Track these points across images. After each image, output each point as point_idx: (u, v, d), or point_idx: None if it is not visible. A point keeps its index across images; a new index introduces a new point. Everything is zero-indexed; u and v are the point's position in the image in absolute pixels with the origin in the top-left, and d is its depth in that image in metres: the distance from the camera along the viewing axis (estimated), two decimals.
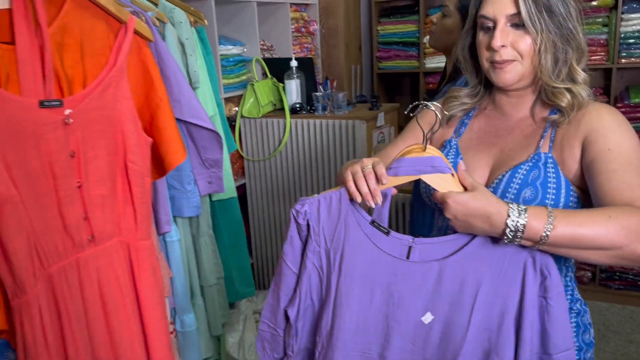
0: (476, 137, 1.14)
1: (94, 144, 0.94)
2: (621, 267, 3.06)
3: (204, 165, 1.63)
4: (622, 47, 2.86)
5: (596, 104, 1.04)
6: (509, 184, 1.02)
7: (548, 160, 1.02)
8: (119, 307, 0.99)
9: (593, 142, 0.97)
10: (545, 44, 0.99)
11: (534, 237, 0.84)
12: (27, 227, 0.85)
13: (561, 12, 0.99)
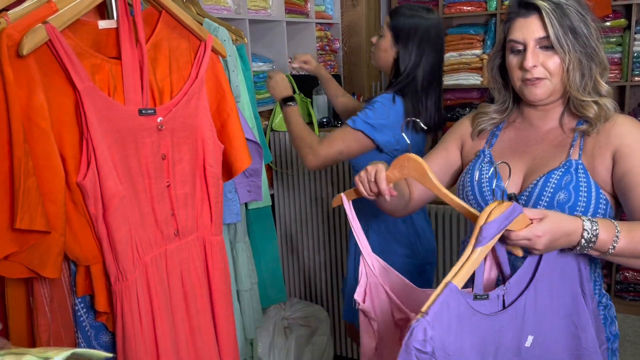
0: (508, 147, 1.24)
1: (179, 148, 1.05)
2: (636, 279, 3.14)
3: (244, 175, 1.72)
4: (635, 65, 2.97)
5: (622, 116, 1.14)
6: (544, 188, 1.12)
7: (579, 167, 1.12)
8: (197, 296, 1.10)
9: (625, 156, 1.07)
10: (573, 63, 1.09)
11: (602, 248, 0.96)
12: (128, 219, 0.96)
13: (584, 33, 1.09)
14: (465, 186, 1.23)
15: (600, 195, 1.11)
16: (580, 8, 1.09)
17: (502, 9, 3.20)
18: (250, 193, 1.67)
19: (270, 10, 2.77)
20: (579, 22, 1.08)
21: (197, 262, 1.09)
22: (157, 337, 0.99)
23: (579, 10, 1.08)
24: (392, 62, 1.75)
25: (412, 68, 1.71)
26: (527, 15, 1.11)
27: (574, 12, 1.08)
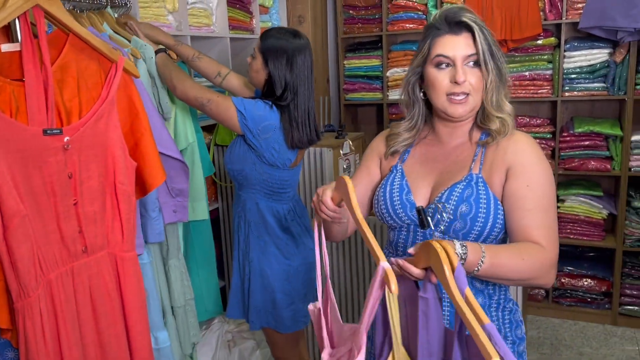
0: (418, 163, 1.31)
1: (88, 166, 1.08)
2: (571, 284, 3.28)
3: (170, 194, 1.72)
4: (565, 81, 3.13)
5: (521, 134, 1.24)
6: (448, 201, 1.19)
7: (479, 180, 1.20)
8: (107, 310, 1.12)
9: (515, 175, 1.16)
10: (492, 81, 1.19)
11: (469, 269, 1.04)
12: (31, 237, 0.98)
13: (498, 55, 1.20)
14: (379, 201, 1.29)
15: (498, 207, 1.18)
16: (491, 34, 1.20)
17: None
18: (176, 213, 1.68)
19: (214, 27, 2.81)
20: (493, 45, 1.19)
21: (107, 277, 1.12)
22: (62, 352, 1.01)
23: (492, 35, 1.19)
24: (265, 81, 1.90)
25: (284, 87, 1.86)
26: (457, 32, 1.18)
27: (490, 36, 1.19)
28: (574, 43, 3.08)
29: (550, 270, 1.13)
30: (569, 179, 3.32)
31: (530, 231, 1.12)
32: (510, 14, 3.09)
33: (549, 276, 1.13)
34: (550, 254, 1.12)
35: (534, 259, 1.10)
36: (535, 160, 1.18)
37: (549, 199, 1.16)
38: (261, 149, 1.85)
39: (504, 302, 1.25)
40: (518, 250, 1.11)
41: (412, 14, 3.38)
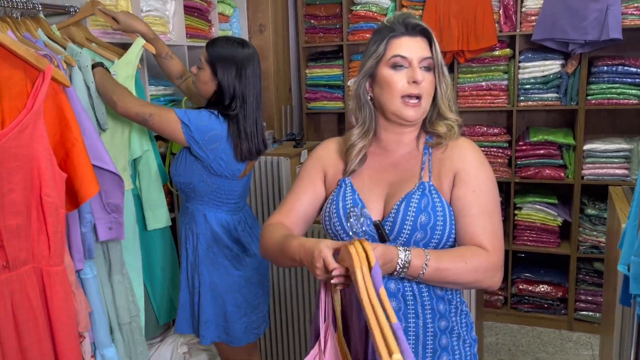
0: (366, 175, 1.29)
1: (10, 178, 1.05)
2: (529, 291, 3.33)
3: (105, 210, 1.65)
4: (520, 91, 3.19)
5: (466, 140, 1.27)
6: (406, 212, 1.18)
7: (431, 188, 1.21)
8: (30, 328, 1.09)
9: (462, 182, 1.19)
10: (442, 85, 1.23)
11: (414, 274, 1.10)
12: None
13: (444, 64, 1.24)
14: (332, 217, 1.26)
15: (451, 214, 1.19)
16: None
17: None
18: (112, 230, 1.62)
19: (170, 35, 2.78)
20: (441, 54, 1.24)
21: (31, 293, 1.09)
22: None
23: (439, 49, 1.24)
24: (214, 92, 1.89)
25: (232, 97, 1.85)
26: (414, 35, 1.20)
27: (439, 47, 1.23)
28: (528, 54, 3.15)
29: (495, 273, 1.16)
30: (525, 187, 3.38)
31: (475, 236, 1.15)
32: (467, 25, 3.14)
33: (494, 279, 1.16)
34: (495, 257, 1.15)
35: (478, 263, 1.13)
36: (480, 166, 1.21)
37: (493, 204, 1.19)
38: (208, 160, 1.83)
39: (460, 305, 1.29)
40: (461, 254, 1.14)
41: (372, 24, 3.41)
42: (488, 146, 3.29)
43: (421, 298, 1.20)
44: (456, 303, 1.26)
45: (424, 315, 1.20)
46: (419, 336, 1.20)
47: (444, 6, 3.16)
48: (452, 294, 1.25)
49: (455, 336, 1.25)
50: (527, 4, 3.09)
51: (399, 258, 1.08)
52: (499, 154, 3.28)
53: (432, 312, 1.21)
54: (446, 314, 1.23)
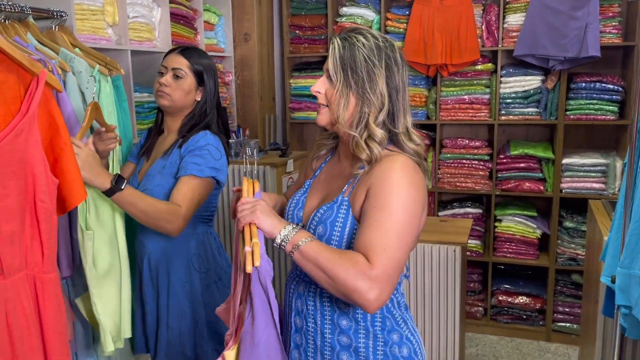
0: (322, 180, 1.35)
1: (5, 183, 1.03)
2: (508, 302, 3.37)
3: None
4: (502, 105, 3.25)
5: (394, 158, 1.18)
6: (312, 221, 1.24)
7: (343, 203, 1.22)
8: (24, 335, 1.06)
9: (371, 196, 1.15)
10: (344, 98, 1.17)
11: (289, 247, 1.12)
12: None
13: (363, 75, 1.16)
14: (287, 210, 1.36)
15: (354, 229, 1.19)
16: (374, 54, 1.16)
17: None
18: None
19: (156, 42, 2.77)
20: (363, 63, 1.15)
21: (25, 301, 1.06)
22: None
23: (369, 55, 1.15)
24: (195, 103, 1.82)
25: (212, 107, 1.84)
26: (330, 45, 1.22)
27: (362, 54, 1.15)
28: (510, 69, 3.22)
29: (368, 287, 1.06)
30: (505, 199, 3.44)
31: (364, 247, 1.10)
32: (450, 39, 3.20)
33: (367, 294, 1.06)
34: (374, 271, 1.07)
35: (351, 265, 1.07)
36: (392, 185, 1.13)
37: (394, 223, 1.11)
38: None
39: (379, 332, 1.22)
40: (342, 252, 1.12)
41: None
42: (470, 159, 3.34)
43: (322, 307, 1.23)
44: (367, 326, 1.22)
45: (322, 325, 1.23)
46: (317, 345, 1.24)
47: (429, 20, 3.22)
48: (362, 315, 1.21)
49: (362, 358, 1.21)
50: (509, 20, 3.16)
51: (284, 229, 1.14)
52: (480, 166, 3.34)
53: (332, 325, 1.22)
54: (349, 331, 1.21)
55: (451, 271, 2.25)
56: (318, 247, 1.12)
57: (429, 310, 2.29)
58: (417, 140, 1.24)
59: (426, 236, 2.28)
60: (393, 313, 1.24)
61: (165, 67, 1.81)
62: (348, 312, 1.22)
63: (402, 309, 1.27)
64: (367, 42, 1.17)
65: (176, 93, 1.78)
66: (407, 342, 1.24)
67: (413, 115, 3.63)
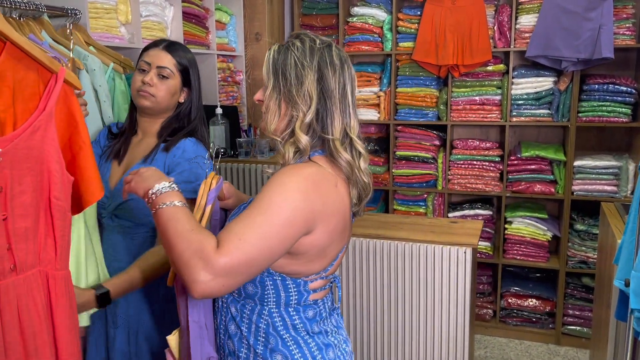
0: None
1: (21, 180, 1.03)
2: (517, 304, 3.35)
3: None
4: (513, 107, 3.24)
5: (297, 165, 1.13)
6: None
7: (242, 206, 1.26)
8: (36, 332, 1.07)
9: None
10: (270, 100, 1.14)
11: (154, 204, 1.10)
12: None
13: (291, 79, 1.12)
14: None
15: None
16: (305, 55, 1.12)
17: (397, 49, 3.39)
18: None
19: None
20: (292, 66, 1.12)
21: (37, 297, 1.07)
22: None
23: (299, 58, 1.12)
24: (175, 104, 1.66)
25: (197, 109, 1.68)
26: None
27: (293, 58, 1.12)
28: (522, 70, 3.20)
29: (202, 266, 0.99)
30: (516, 201, 3.42)
31: (224, 233, 1.04)
32: (462, 40, 3.19)
33: (198, 276, 0.99)
34: (219, 257, 0.99)
35: (199, 240, 1.01)
36: (279, 184, 1.08)
37: (263, 220, 1.04)
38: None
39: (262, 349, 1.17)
40: (198, 226, 1.06)
41: (368, 36, 3.44)
42: (480, 160, 3.33)
43: (223, 308, 1.22)
44: (249, 337, 1.18)
45: (219, 325, 1.24)
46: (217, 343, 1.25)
47: (440, 21, 3.21)
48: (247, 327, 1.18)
49: (245, 345, 1.19)
50: (521, 21, 3.14)
51: (159, 184, 1.12)
52: (491, 167, 3.32)
53: (224, 328, 1.22)
54: (234, 337, 1.20)
55: (461, 273, 2.23)
56: (178, 215, 1.06)
57: (438, 312, 2.28)
58: (360, 149, 1.17)
59: (436, 237, 2.27)
60: (281, 333, 1.17)
61: (149, 63, 1.61)
62: (236, 318, 1.19)
63: (301, 332, 1.18)
64: (301, 45, 1.14)
65: (160, 94, 1.60)
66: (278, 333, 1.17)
67: (423, 115, 3.61)
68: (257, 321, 1.18)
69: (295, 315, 1.18)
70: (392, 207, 3.56)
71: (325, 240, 1.14)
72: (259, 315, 1.18)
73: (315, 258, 1.15)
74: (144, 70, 1.62)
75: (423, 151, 3.41)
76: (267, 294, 1.16)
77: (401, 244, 2.25)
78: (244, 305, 1.19)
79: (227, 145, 2.85)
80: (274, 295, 1.16)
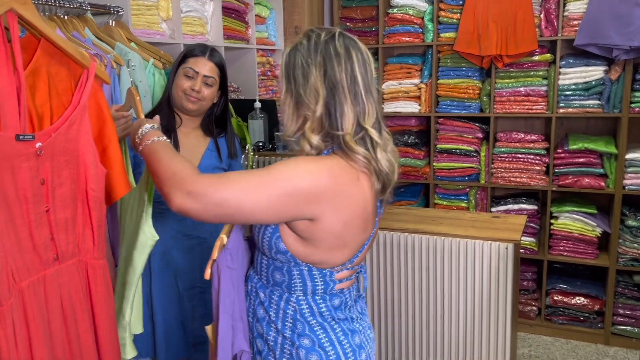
0: None
1: (60, 172, 1.07)
2: (564, 302, 3.24)
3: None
4: (560, 98, 3.12)
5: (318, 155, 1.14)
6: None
7: None
8: (78, 320, 1.10)
9: None
10: (284, 101, 1.16)
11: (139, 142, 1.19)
12: (4, 246, 0.97)
13: (299, 79, 1.12)
14: None
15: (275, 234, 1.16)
16: (309, 52, 1.11)
17: (438, 40, 3.32)
18: None
19: (208, 36, 2.81)
20: (299, 66, 1.11)
21: (78, 286, 1.10)
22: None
23: (305, 56, 1.11)
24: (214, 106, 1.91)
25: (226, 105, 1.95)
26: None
27: (300, 57, 1.12)
28: (570, 60, 3.08)
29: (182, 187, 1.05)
30: (562, 195, 3.30)
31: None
32: (506, 29, 3.09)
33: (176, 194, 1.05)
34: (199, 178, 1.06)
35: (181, 168, 1.09)
36: (289, 160, 1.11)
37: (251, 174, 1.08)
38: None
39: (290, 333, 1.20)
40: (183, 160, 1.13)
41: (409, 27, 3.38)
42: (525, 153, 3.23)
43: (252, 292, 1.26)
44: (277, 322, 1.21)
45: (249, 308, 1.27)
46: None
47: (483, 10, 3.12)
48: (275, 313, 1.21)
49: (271, 352, 1.22)
50: (569, 8, 3.02)
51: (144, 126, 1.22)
52: (536, 161, 3.21)
53: (253, 311, 1.26)
54: (263, 322, 1.24)
55: (503, 269, 2.18)
56: (162, 148, 1.16)
57: (479, 308, 2.23)
58: (376, 139, 1.13)
59: (477, 232, 2.22)
60: (308, 319, 1.20)
61: (196, 72, 1.79)
62: (264, 303, 1.23)
63: (327, 319, 1.21)
64: (307, 43, 1.13)
65: (207, 101, 1.85)
66: (319, 351, 1.18)
67: (465, 107, 3.53)
68: (284, 307, 1.21)
69: (322, 303, 1.21)
70: (433, 202, 3.50)
71: (340, 229, 1.13)
72: (287, 302, 1.21)
73: (336, 248, 1.16)
74: (190, 76, 1.80)
75: (465, 144, 3.33)
76: (294, 283, 1.19)
77: (440, 239, 2.20)
78: (272, 292, 1.23)
79: (266, 139, 2.87)
80: (301, 284, 1.19)
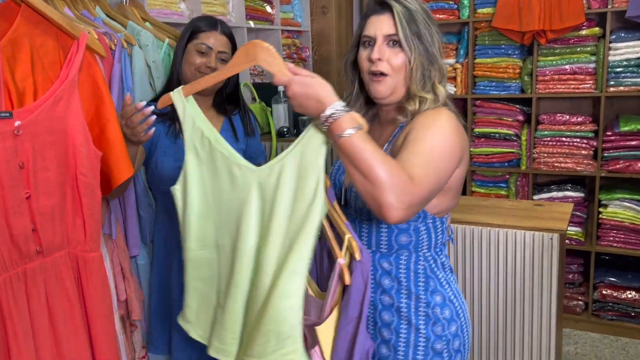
0: None
1: (44, 155, 0.96)
2: (614, 296, 3.01)
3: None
4: (610, 75, 2.87)
5: (439, 110, 1.19)
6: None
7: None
8: (67, 319, 1.00)
9: (409, 134, 1.15)
10: (416, 62, 1.18)
11: (336, 131, 0.98)
12: None
13: (428, 39, 1.19)
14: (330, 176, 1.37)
15: None
16: (427, 18, 1.20)
17: (475, 16, 3.11)
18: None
19: (230, 16, 2.69)
20: (424, 29, 1.18)
21: (67, 282, 0.99)
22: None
23: (425, 19, 1.19)
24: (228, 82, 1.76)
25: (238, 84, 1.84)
26: (380, 13, 1.20)
27: (421, 19, 1.19)
28: (621, 33, 2.83)
29: (398, 199, 0.99)
30: (612, 181, 3.05)
31: (407, 165, 1.05)
32: (550, 2, 2.86)
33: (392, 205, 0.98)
34: (412, 188, 1.01)
35: (395, 173, 1.00)
36: (432, 124, 1.14)
37: (434, 155, 1.10)
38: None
39: (421, 292, 1.23)
40: (389, 158, 1.03)
41: (443, 3, 3.19)
42: (570, 136, 3.00)
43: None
44: (409, 286, 1.22)
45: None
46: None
47: None
48: (405, 276, 1.23)
49: (404, 319, 1.22)
50: None
51: (331, 107, 0.98)
52: (583, 144, 2.98)
53: (375, 284, 1.24)
54: (391, 291, 1.23)
55: (547, 261, 2.02)
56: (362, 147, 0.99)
57: (520, 302, 2.08)
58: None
59: (519, 222, 2.07)
60: (437, 274, 1.25)
61: (210, 48, 1.66)
62: (391, 272, 1.23)
63: (447, 271, 1.28)
64: (416, 6, 1.20)
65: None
66: (449, 304, 1.24)
67: (505, 88, 3.35)
68: (414, 268, 1.23)
69: (442, 254, 1.28)
70: (470, 189, 3.31)
71: (464, 174, 1.24)
72: (416, 262, 1.23)
73: (456, 193, 1.25)
74: (203, 52, 1.67)
75: (505, 127, 3.12)
76: (421, 239, 1.23)
77: (478, 228, 2.06)
78: (397, 257, 1.23)
79: (290, 124, 2.74)
80: (427, 239, 1.23)
